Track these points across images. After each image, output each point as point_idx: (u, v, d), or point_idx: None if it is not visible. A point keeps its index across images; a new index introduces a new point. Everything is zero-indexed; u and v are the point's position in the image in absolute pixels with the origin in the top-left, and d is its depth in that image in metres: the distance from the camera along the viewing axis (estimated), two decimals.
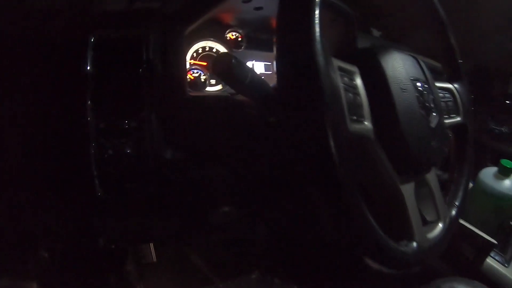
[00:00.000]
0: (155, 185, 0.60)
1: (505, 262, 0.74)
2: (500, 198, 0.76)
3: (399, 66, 0.44)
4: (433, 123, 0.47)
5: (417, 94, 0.44)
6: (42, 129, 0.59)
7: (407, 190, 0.44)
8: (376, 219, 0.35)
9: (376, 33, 1.02)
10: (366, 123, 0.39)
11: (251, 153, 0.61)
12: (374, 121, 0.40)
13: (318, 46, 0.31)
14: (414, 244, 0.42)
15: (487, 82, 1.19)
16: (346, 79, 0.38)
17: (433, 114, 0.47)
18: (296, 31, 0.32)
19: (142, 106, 0.58)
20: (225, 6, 0.64)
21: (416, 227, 0.44)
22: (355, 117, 0.37)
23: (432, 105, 0.47)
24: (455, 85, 0.59)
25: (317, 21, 0.32)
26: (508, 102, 1.18)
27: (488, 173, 0.79)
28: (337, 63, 0.37)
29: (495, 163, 0.84)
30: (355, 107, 0.37)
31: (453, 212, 0.54)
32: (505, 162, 0.77)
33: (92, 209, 0.62)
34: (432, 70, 0.55)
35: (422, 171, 0.48)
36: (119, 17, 0.63)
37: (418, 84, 0.46)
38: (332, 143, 0.29)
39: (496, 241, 0.72)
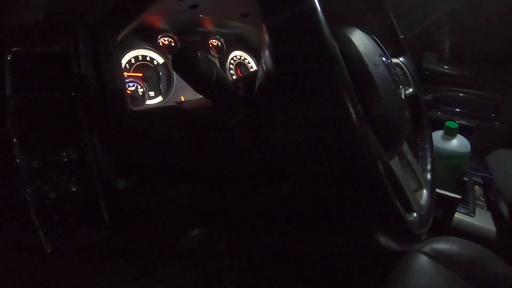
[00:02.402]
0: (110, 223, 0.52)
1: (470, 213, 0.81)
2: (452, 157, 0.83)
3: (367, 43, 0.44)
4: (403, 94, 0.49)
5: (386, 69, 0.46)
6: None
7: (395, 164, 0.45)
8: None
9: None
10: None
11: (210, 162, 0.56)
12: (359, 99, 0.40)
13: (326, 28, 0.29)
14: (415, 214, 0.43)
15: None
16: None
17: (400, 86, 0.49)
18: (299, 16, 0.30)
19: (81, 132, 0.50)
20: (157, 7, 0.58)
21: (412, 198, 0.45)
22: None
23: (397, 79, 0.49)
24: (401, 59, 0.62)
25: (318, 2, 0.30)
26: (427, 73, 1.33)
27: (435, 137, 0.86)
28: None
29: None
30: None
31: (429, 177, 0.57)
32: (449, 123, 0.84)
33: (41, 269, 0.51)
34: None
35: (402, 142, 0.49)
36: (39, 29, 0.53)
37: (384, 59, 0.47)
38: (356, 120, 0.28)
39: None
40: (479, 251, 0.68)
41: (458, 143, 0.84)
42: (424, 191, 0.52)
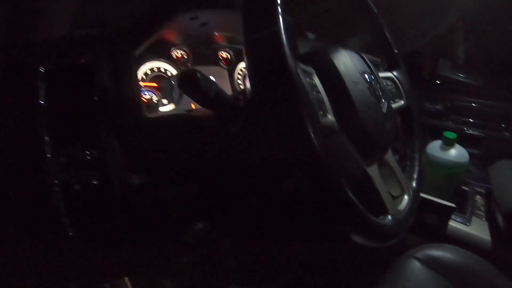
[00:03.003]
0: (125, 214, 0.59)
1: (466, 222, 0.85)
2: (449, 166, 0.86)
3: (348, 62, 0.50)
4: (384, 108, 0.53)
5: (367, 85, 0.50)
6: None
7: (373, 171, 0.50)
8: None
9: (311, 35, 1.12)
10: (329, 116, 0.43)
11: (214, 165, 0.62)
12: (336, 114, 0.45)
13: (287, 50, 0.34)
14: (389, 217, 0.47)
15: (417, 66, 1.35)
16: (307, 79, 0.43)
17: (383, 100, 0.53)
18: (265, 39, 0.35)
19: (102, 134, 0.57)
20: (172, 25, 0.66)
21: (388, 202, 0.50)
22: (321, 112, 0.42)
23: (380, 93, 0.54)
24: (395, 73, 0.67)
25: (283, 27, 0.36)
26: (438, 82, 1.35)
27: (434, 147, 0.90)
28: (299, 65, 0.42)
29: (435, 138, 0.97)
30: (319, 103, 0.42)
31: (414, 184, 0.61)
32: (447, 134, 0.87)
33: (62, 252, 0.60)
34: (374, 64, 0.63)
35: (382, 152, 0.53)
36: (66, 46, 0.61)
37: (366, 76, 0.52)
38: (312, 134, 0.33)
39: (454, 204, 0.82)
40: (472, 259, 0.71)
41: (456, 153, 0.87)
42: (405, 197, 0.57)
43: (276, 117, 0.35)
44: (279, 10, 0.37)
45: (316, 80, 0.45)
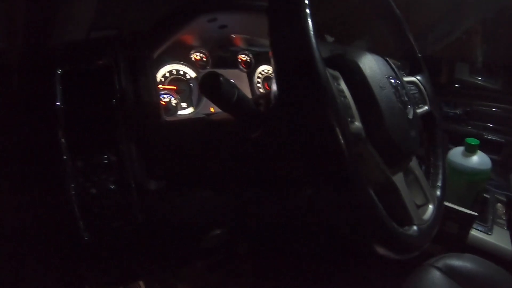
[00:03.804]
0: (141, 219, 0.59)
1: (488, 231, 0.83)
2: (471, 173, 0.85)
3: (375, 67, 0.49)
4: (410, 114, 0.52)
5: (393, 90, 0.50)
6: (16, 175, 0.57)
7: (399, 180, 0.49)
8: None
9: (329, 38, 1.11)
10: (356, 123, 0.43)
11: (233, 170, 0.62)
12: (362, 120, 0.45)
13: (317, 53, 0.34)
14: (415, 227, 0.47)
15: (436, 71, 1.34)
16: (335, 84, 0.42)
17: (409, 106, 0.53)
18: (294, 41, 0.35)
19: (119, 138, 0.58)
20: (190, 27, 0.66)
21: (413, 212, 0.49)
22: (349, 119, 0.41)
23: (406, 99, 0.53)
24: (418, 77, 0.66)
25: (312, 29, 0.35)
26: (457, 86, 1.34)
27: (456, 153, 0.88)
28: (327, 70, 0.42)
29: (456, 144, 0.96)
30: (346, 109, 0.42)
31: (438, 193, 0.60)
32: (470, 140, 0.86)
33: (78, 256, 0.60)
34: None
35: (407, 160, 0.53)
36: (84, 48, 0.62)
37: (392, 80, 0.51)
38: (342, 141, 0.32)
39: (475, 213, 0.81)
40: (493, 270, 0.70)
41: (478, 159, 0.86)
42: (430, 206, 0.56)
43: (303, 123, 0.35)
44: (308, 11, 0.36)
45: (343, 85, 0.44)
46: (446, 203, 0.81)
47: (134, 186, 0.58)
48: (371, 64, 0.49)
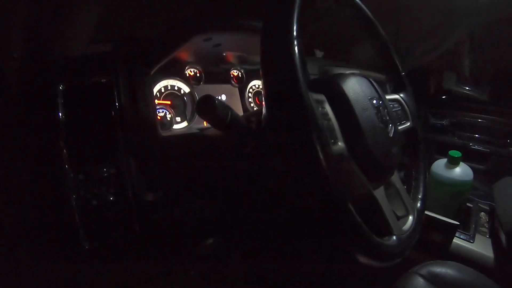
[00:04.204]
0: (139, 229, 0.63)
1: (470, 239, 0.88)
2: (454, 185, 0.90)
3: (358, 89, 0.53)
4: (391, 133, 0.57)
5: (375, 111, 0.54)
6: (20, 186, 0.60)
7: (379, 193, 0.53)
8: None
9: (319, 53, 1.16)
10: (339, 143, 0.47)
11: (226, 182, 0.66)
12: (345, 140, 0.49)
13: (303, 84, 0.38)
14: (394, 237, 0.51)
15: (424, 83, 1.40)
16: (320, 108, 0.47)
17: (390, 125, 0.57)
18: (281, 70, 0.39)
19: (119, 152, 0.61)
20: (187, 45, 0.70)
21: (393, 223, 0.53)
22: (332, 140, 0.46)
23: (387, 118, 0.57)
24: (401, 95, 0.70)
25: (298, 61, 0.39)
26: (444, 97, 1.40)
27: (439, 165, 0.93)
28: (311, 95, 0.46)
29: (441, 154, 1.01)
30: (330, 131, 0.46)
31: (419, 205, 0.65)
32: (453, 153, 0.91)
33: (78, 264, 0.64)
34: (378, 82, 0.67)
35: (388, 175, 0.57)
36: (85, 63, 0.66)
37: (374, 101, 0.56)
38: (323, 163, 0.37)
39: (458, 222, 0.85)
40: (475, 277, 0.73)
41: (460, 171, 0.91)
42: (410, 217, 0.60)
43: (289, 143, 0.39)
44: (295, 35, 0.41)
45: (328, 108, 0.49)
46: (430, 213, 0.86)
47: (133, 197, 0.62)
48: (354, 87, 0.53)
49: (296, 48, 0.40)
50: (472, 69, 1.51)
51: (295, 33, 0.41)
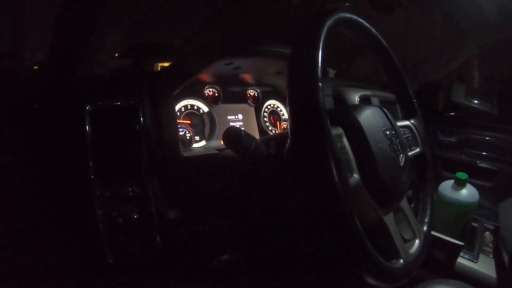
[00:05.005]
0: (160, 245, 0.68)
1: (474, 259, 0.93)
2: (460, 206, 0.95)
3: (373, 121, 0.58)
4: (402, 162, 0.63)
5: (388, 142, 0.59)
6: (50, 203, 0.66)
7: (388, 218, 0.59)
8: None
9: (331, 72, 1.21)
10: (355, 175, 0.52)
11: (243, 202, 0.71)
12: (360, 172, 0.55)
13: (326, 125, 0.44)
14: (401, 260, 0.56)
15: (433, 99, 1.45)
16: (338, 144, 0.52)
17: (401, 155, 0.63)
18: (307, 112, 0.45)
19: (143, 172, 0.67)
20: (208, 69, 0.77)
21: (400, 247, 0.58)
22: (349, 174, 0.52)
23: (399, 147, 0.63)
24: (412, 121, 0.75)
25: (322, 103, 0.45)
26: (453, 114, 1.45)
27: (446, 186, 0.99)
28: (332, 131, 0.50)
29: (449, 171, 1.06)
30: (347, 164, 0.52)
31: (425, 228, 0.70)
32: (460, 175, 0.97)
33: (102, 277, 0.69)
34: (389, 103, 0.71)
35: (398, 201, 0.63)
36: (111, 84, 0.71)
37: (387, 132, 0.61)
38: (341, 194, 0.43)
39: (463, 242, 0.90)
40: None
41: (466, 193, 0.96)
42: (417, 241, 0.66)
43: (310, 175, 0.45)
44: (319, 81, 0.46)
45: (345, 142, 0.54)
46: (436, 233, 0.91)
47: (156, 215, 0.67)
48: (370, 119, 0.58)
49: (320, 93, 0.46)
50: (482, 81, 1.56)
51: (319, 79, 0.47)
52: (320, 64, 0.48)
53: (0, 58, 0.85)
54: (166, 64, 0.91)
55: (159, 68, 0.88)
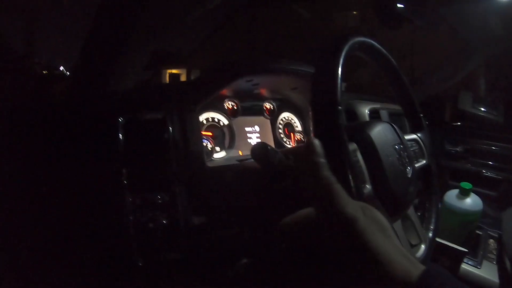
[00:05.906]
0: (186, 250, 0.75)
1: (477, 265, 1.01)
2: (464, 214, 1.04)
3: (383, 137, 0.66)
4: (409, 174, 0.71)
5: (397, 156, 0.67)
6: (85, 209, 0.73)
7: (397, 225, 0.67)
8: None
9: (342, 86, 1.28)
10: (367, 186, 0.61)
11: (263, 211, 0.76)
12: (372, 183, 0.64)
13: (345, 143, 0.52)
14: None
15: (439, 109, 1.53)
16: (354, 157, 0.61)
17: (408, 167, 0.72)
18: (329, 132, 0.53)
19: (172, 181, 0.75)
20: (230, 85, 0.85)
21: (407, 252, 0.68)
22: (363, 184, 0.60)
23: (407, 160, 0.71)
24: (419, 135, 0.83)
25: (342, 122, 0.53)
26: (459, 123, 1.54)
27: (451, 195, 1.07)
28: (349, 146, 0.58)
29: (455, 179, 1.14)
30: (361, 176, 0.61)
31: (430, 234, 0.78)
32: (464, 184, 1.05)
33: (131, 279, 0.75)
34: (397, 115, 0.78)
35: (405, 209, 0.70)
36: (142, 101, 0.79)
37: (396, 147, 0.68)
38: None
39: (467, 249, 0.98)
40: None
41: (470, 202, 1.05)
42: (423, 246, 0.74)
43: None
44: (339, 101, 0.54)
45: (359, 156, 0.63)
46: (441, 240, 1.00)
47: (183, 221, 0.75)
48: (381, 135, 0.66)
49: (340, 116, 0.55)
50: (488, 90, 1.64)
51: (339, 103, 0.56)
52: (339, 91, 0.57)
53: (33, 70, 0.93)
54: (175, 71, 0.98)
55: (180, 78, 0.95)
